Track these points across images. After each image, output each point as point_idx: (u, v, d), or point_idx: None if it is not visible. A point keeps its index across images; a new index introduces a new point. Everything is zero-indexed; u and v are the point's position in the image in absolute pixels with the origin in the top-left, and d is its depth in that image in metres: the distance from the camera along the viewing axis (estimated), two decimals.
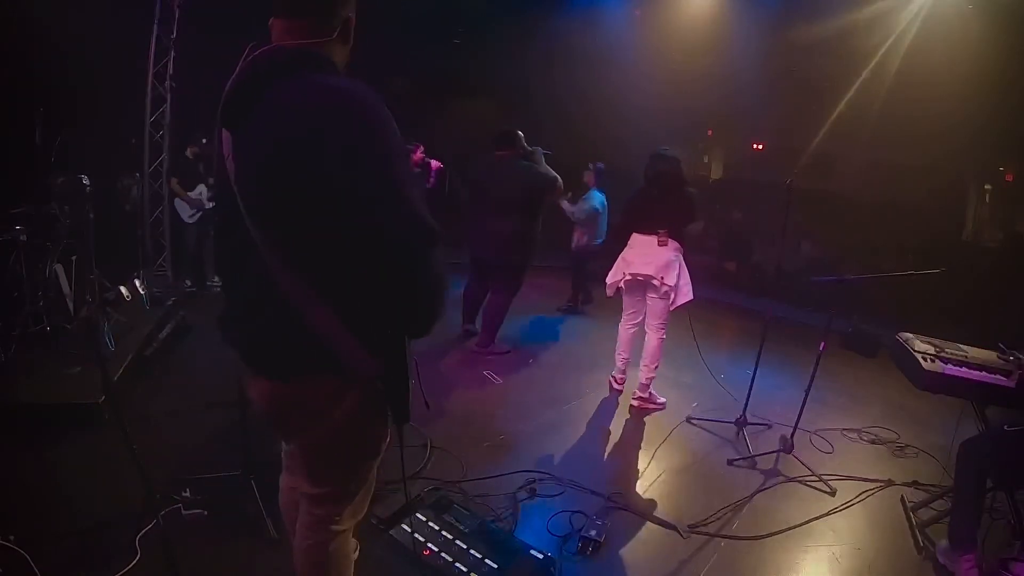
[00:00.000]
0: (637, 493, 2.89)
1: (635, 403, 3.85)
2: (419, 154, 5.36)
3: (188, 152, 5.58)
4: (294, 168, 1.17)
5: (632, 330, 3.92)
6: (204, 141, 5.51)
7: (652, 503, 2.80)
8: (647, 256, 3.63)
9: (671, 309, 3.66)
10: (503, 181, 4.19)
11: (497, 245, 4.28)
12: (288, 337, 1.27)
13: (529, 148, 4.29)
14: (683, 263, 3.64)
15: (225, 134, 1.29)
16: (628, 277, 3.71)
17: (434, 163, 5.38)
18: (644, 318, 3.83)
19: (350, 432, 1.38)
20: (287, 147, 1.17)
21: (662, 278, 3.57)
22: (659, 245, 3.61)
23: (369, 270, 1.19)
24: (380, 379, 1.29)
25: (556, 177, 4.24)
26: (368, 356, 1.25)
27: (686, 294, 3.63)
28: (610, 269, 3.87)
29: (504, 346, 4.65)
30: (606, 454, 3.33)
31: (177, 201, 5.63)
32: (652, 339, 3.74)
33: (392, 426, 1.44)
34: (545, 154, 4.32)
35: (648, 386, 3.81)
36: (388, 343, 1.28)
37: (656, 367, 3.77)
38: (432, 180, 5.40)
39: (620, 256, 3.80)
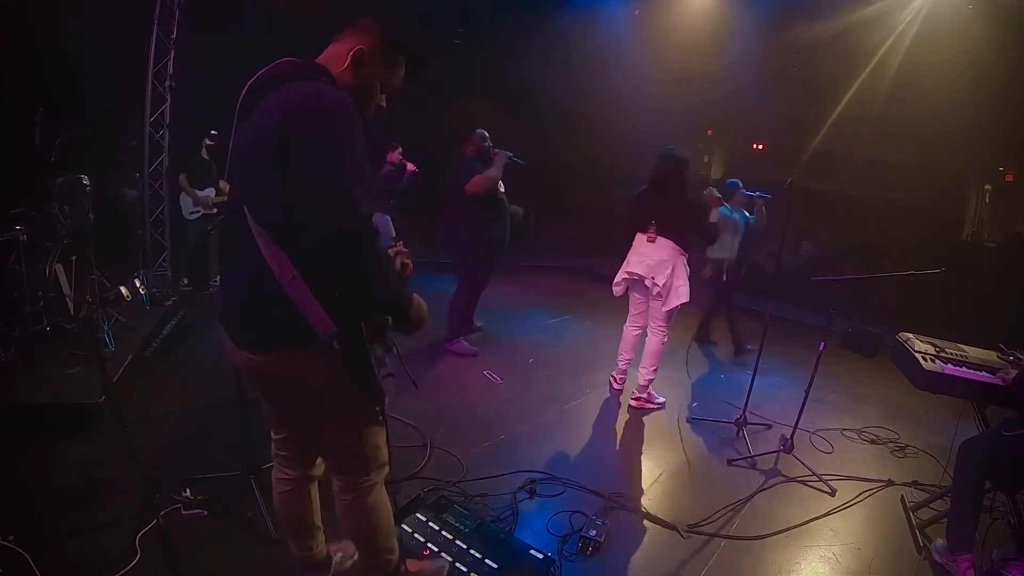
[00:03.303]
0: (637, 493, 2.89)
1: (633, 403, 3.85)
2: (395, 155, 5.29)
3: (204, 151, 5.54)
4: (265, 155, 1.35)
5: (636, 331, 3.92)
6: (214, 133, 5.50)
7: (652, 503, 2.80)
8: (641, 255, 3.67)
9: (663, 310, 3.61)
10: (447, 176, 4.33)
11: (444, 235, 4.40)
12: (265, 311, 1.42)
13: (492, 151, 4.25)
14: (680, 264, 3.59)
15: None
16: (625, 275, 3.75)
17: (409, 165, 5.33)
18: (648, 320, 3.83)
19: (333, 402, 1.53)
20: (262, 137, 1.36)
21: (653, 278, 3.56)
22: (648, 242, 3.63)
23: (320, 250, 1.34)
24: (338, 342, 1.41)
25: (475, 173, 4.13)
26: (329, 321, 1.39)
27: (681, 295, 3.57)
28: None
29: (471, 348, 4.55)
30: (606, 454, 3.33)
31: (182, 196, 5.60)
32: (652, 341, 3.74)
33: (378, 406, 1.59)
34: (515, 161, 4.25)
35: (647, 387, 3.81)
36: (344, 313, 1.41)
37: (655, 369, 3.75)
38: (405, 181, 5.37)
39: (626, 256, 3.82)
